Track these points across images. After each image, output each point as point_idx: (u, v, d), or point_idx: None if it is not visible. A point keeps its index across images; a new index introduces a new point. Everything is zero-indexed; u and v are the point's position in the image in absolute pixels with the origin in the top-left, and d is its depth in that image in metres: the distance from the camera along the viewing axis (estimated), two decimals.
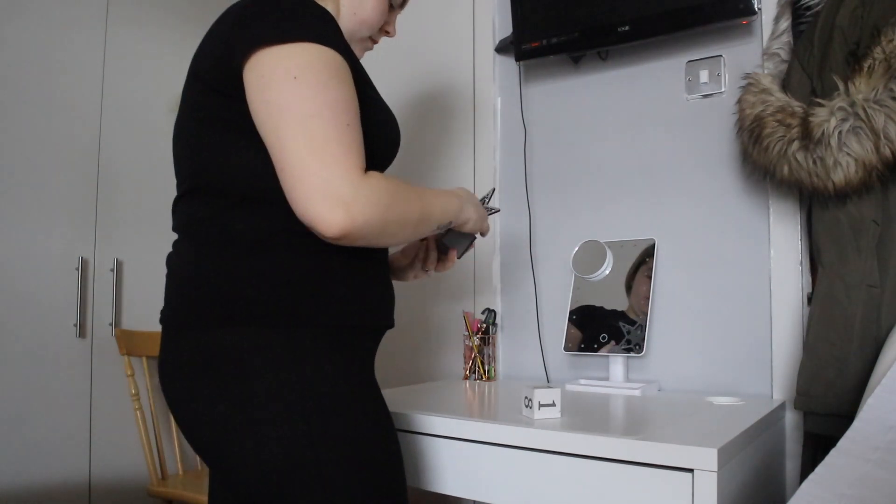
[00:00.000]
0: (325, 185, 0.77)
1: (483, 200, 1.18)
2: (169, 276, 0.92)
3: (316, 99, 0.79)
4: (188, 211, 0.91)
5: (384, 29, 1.10)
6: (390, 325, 1.01)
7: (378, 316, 0.96)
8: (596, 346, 1.53)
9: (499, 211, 1.26)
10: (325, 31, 0.83)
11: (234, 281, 0.85)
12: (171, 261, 0.93)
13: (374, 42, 1.11)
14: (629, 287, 1.55)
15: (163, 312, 0.92)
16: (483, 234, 1.13)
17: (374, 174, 0.83)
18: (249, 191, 0.86)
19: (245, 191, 0.86)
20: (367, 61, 2.10)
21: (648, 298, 1.50)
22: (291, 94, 0.79)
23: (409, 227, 0.89)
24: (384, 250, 1.00)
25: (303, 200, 0.78)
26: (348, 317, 0.90)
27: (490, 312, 1.71)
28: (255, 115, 0.82)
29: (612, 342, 1.51)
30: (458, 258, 1.16)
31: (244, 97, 0.83)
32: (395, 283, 1.05)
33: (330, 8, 0.99)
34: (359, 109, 0.84)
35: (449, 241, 1.13)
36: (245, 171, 0.86)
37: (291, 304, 0.86)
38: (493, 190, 1.24)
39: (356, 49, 1.07)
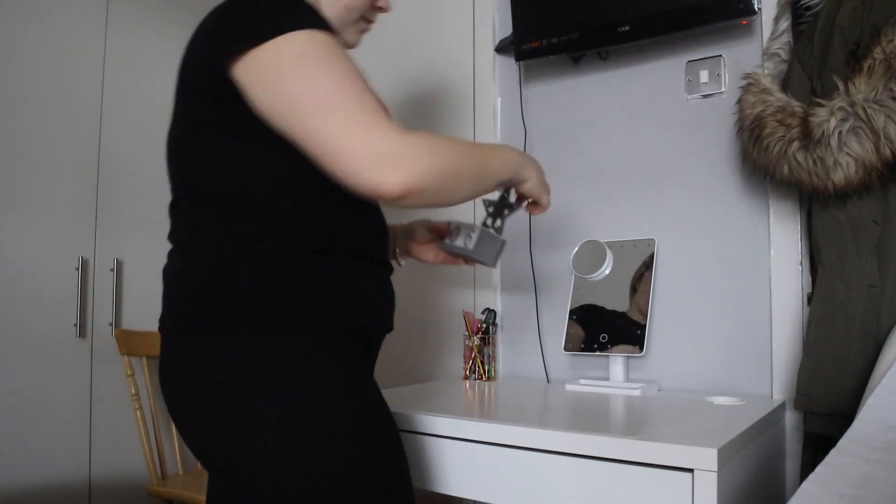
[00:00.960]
0: (368, 152, 0.76)
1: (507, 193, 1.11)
2: (164, 286, 0.92)
3: (323, 78, 0.79)
4: (180, 220, 0.92)
5: (376, 6, 1.06)
6: (388, 328, 1.00)
7: (373, 319, 0.96)
8: (596, 346, 1.53)
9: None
10: (306, 16, 0.83)
11: (226, 288, 0.85)
12: (166, 271, 0.93)
13: (370, 21, 1.07)
14: (634, 289, 1.54)
15: (161, 320, 0.92)
16: (543, 205, 1.08)
17: (413, 130, 0.81)
18: (240, 195, 0.86)
19: (236, 195, 0.86)
20: (367, 60, 2.11)
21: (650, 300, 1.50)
22: (300, 82, 0.79)
23: (468, 177, 0.87)
24: (381, 254, 0.99)
25: (354, 175, 0.77)
26: (343, 321, 0.90)
27: (490, 312, 1.71)
28: (269, 115, 0.81)
29: (612, 342, 1.51)
30: (494, 266, 1.12)
31: (236, 100, 0.83)
32: (395, 283, 1.04)
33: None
34: (365, 77, 0.83)
35: (478, 255, 1.08)
36: (235, 174, 0.86)
37: (284, 310, 0.85)
38: None
39: (351, 34, 1.05)
